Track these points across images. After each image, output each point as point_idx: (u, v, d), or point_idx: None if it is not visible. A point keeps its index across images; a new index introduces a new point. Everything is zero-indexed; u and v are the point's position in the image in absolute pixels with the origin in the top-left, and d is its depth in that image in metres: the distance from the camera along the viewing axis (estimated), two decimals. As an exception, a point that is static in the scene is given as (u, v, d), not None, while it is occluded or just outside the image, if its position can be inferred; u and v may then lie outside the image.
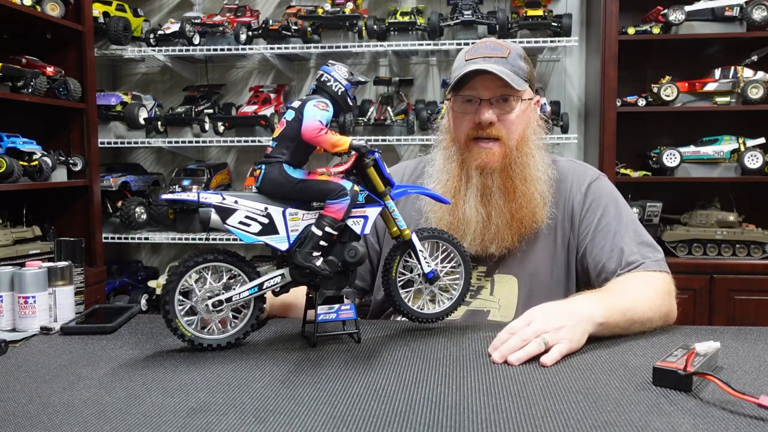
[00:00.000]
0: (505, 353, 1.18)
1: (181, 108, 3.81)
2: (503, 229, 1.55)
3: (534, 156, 1.59)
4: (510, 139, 1.58)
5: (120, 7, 3.73)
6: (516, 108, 1.58)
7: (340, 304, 1.30)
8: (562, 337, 1.20)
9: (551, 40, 3.50)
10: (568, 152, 3.87)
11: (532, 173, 1.58)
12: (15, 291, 1.51)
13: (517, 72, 1.57)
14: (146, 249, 4.27)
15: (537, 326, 1.21)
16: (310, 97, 1.25)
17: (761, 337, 1.35)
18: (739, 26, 3.40)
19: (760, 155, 3.35)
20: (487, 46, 1.61)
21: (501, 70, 1.54)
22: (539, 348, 1.18)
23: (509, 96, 1.57)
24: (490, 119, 1.56)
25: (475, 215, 1.56)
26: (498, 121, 1.57)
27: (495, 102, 1.57)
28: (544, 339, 1.19)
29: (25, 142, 2.96)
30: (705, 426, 0.89)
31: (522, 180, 1.57)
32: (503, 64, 1.56)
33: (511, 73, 1.55)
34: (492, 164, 1.57)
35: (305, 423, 0.92)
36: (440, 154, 1.67)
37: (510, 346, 1.19)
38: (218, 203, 1.22)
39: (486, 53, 1.59)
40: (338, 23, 3.63)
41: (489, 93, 1.56)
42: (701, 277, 3.28)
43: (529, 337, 1.19)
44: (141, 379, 1.12)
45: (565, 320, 1.23)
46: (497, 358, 1.18)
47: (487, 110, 1.56)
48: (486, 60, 1.57)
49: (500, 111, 1.57)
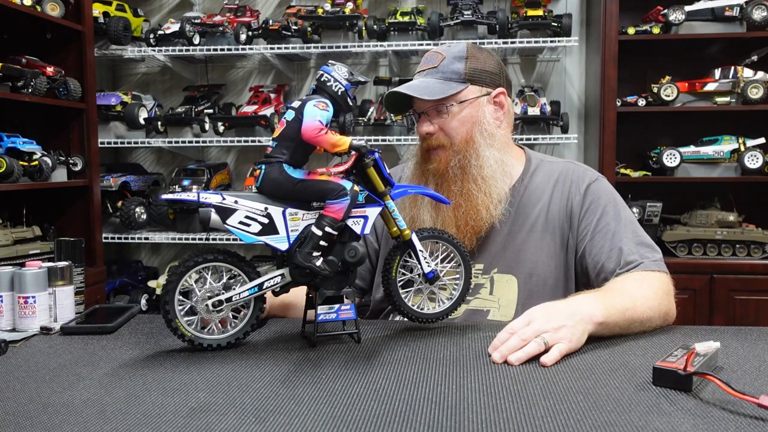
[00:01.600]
0: (505, 353, 1.18)
1: (181, 108, 3.81)
2: (450, 228, 1.57)
3: (481, 155, 1.59)
4: (452, 144, 1.61)
5: (120, 7, 3.73)
6: (452, 113, 1.60)
7: (340, 304, 1.30)
8: (562, 337, 1.20)
9: (551, 40, 3.50)
10: (568, 152, 3.88)
11: (477, 172, 1.58)
12: (15, 291, 1.51)
13: (449, 77, 1.60)
14: (146, 249, 4.27)
15: (537, 326, 1.21)
16: (310, 97, 1.25)
17: (761, 337, 1.35)
18: (739, 26, 3.40)
19: (760, 155, 3.35)
20: (426, 59, 1.67)
21: (419, 84, 1.60)
22: (539, 348, 1.18)
23: (441, 105, 1.59)
24: (426, 131, 1.62)
25: (428, 217, 1.61)
26: (439, 128, 1.61)
27: (430, 112, 1.61)
28: (544, 339, 1.19)
29: (25, 142, 2.96)
30: (705, 426, 0.89)
31: (466, 180, 1.59)
32: (432, 75, 1.61)
33: (435, 82, 1.59)
34: (440, 170, 1.61)
35: (305, 423, 0.92)
36: (411, 162, 1.73)
37: (510, 346, 1.19)
38: (218, 203, 1.22)
39: (422, 66, 1.66)
40: (338, 23, 3.63)
41: (422, 105, 1.62)
42: (701, 277, 3.28)
43: (529, 337, 1.19)
44: (141, 379, 1.12)
45: (565, 320, 1.23)
46: (497, 358, 1.18)
47: (423, 123, 1.63)
48: (420, 74, 1.65)
49: (438, 119, 1.61)
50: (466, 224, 1.58)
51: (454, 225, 1.58)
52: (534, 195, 1.65)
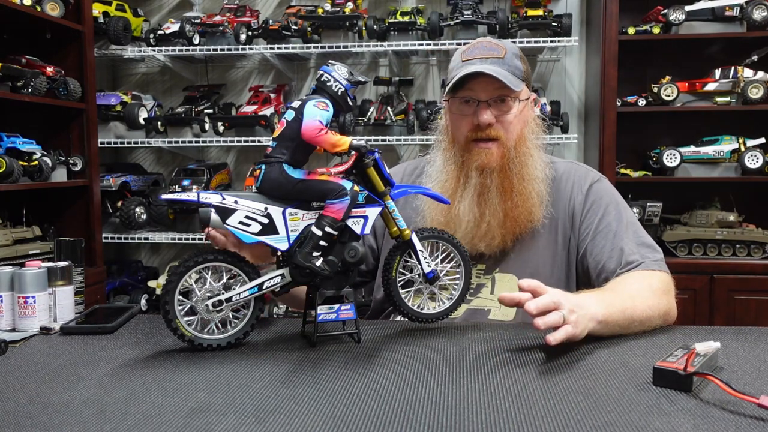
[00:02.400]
0: (541, 307, 1.17)
1: (181, 108, 3.81)
2: (495, 228, 1.56)
3: (532, 155, 1.60)
4: (508, 139, 1.58)
5: (120, 7, 3.73)
6: (514, 108, 1.58)
7: (340, 304, 1.30)
8: (573, 320, 1.20)
9: (551, 40, 3.50)
10: (568, 152, 3.87)
11: (529, 172, 1.58)
12: (15, 291, 1.51)
13: (514, 72, 1.58)
14: (146, 249, 4.27)
15: (560, 298, 1.20)
16: (310, 97, 1.25)
17: (761, 337, 1.35)
18: (739, 26, 3.40)
19: (760, 155, 3.35)
20: (484, 47, 1.61)
21: (498, 71, 1.54)
22: (559, 320, 1.18)
23: (506, 97, 1.57)
24: (488, 120, 1.56)
25: (467, 214, 1.57)
26: (496, 121, 1.58)
27: (492, 103, 1.58)
28: (563, 313, 1.19)
29: (25, 142, 2.96)
30: (705, 426, 0.89)
31: (520, 179, 1.57)
32: (500, 65, 1.57)
33: (508, 73, 1.56)
34: (491, 164, 1.57)
35: (305, 423, 0.92)
36: (439, 155, 1.67)
37: (545, 303, 1.18)
38: (218, 203, 1.22)
39: (482, 54, 1.59)
40: (338, 23, 3.63)
41: (486, 94, 1.57)
42: (701, 277, 3.28)
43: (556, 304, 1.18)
44: (141, 379, 1.12)
45: (576, 308, 1.23)
46: (532, 309, 1.17)
47: (485, 112, 1.56)
48: (483, 61, 1.57)
49: (498, 112, 1.58)
50: (515, 224, 1.56)
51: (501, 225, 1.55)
52: None
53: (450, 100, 1.63)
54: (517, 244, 1.61)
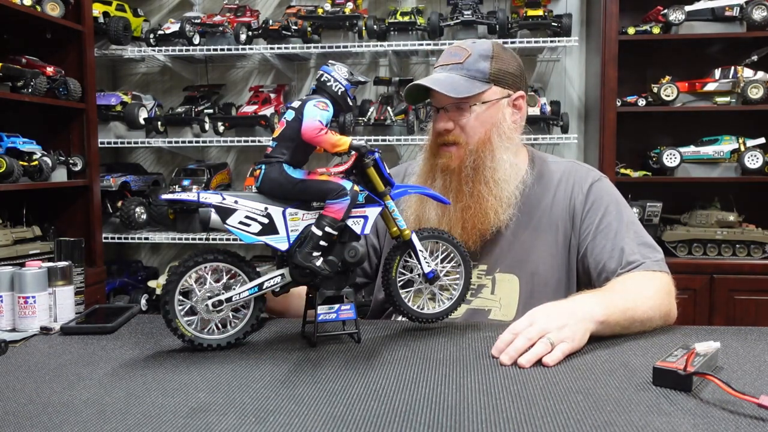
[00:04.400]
0: (513, 355, 1.17)
1: (181, 108, 3.81)
2: (456, 228, 1.56)
3: (495, 157, 1.58)
4: (468, 143, 1.59)
5: (120, 7, 3.73)
6: (472, 113, 1.59)
7: (340, 304, 1.30)
8: (566, 336, 1.20)
9: (551, 40, 3.50)
10: (568, 152, 3.87)
11: (489, 174, 1.57)
12: (15, 291, 1.51)
13: (474, 76, 1.58)
14: (146, 249, 4.27)
15: (541, 326, 1.21)
16: (310, 97, 1.25)
17: (761, 337, 1.35)
18: (739, 26, 3.40)
19: (760, 155, 3.35)
20: (449, 53, 1.64)
21: (447, 79, 1.57)
22: (546, 348, 1.17)
23: (464, 103, 1.58)
24: (443, 127, 1.60)
25: (433, 216, 1.60)
26: (456, 126, 1.59)
27: (451, 108, 1.59)
28: (549, 339, 1.18)
29: (25, 142, 2.95)
30: (705, 426, 0.89)
31: (476, 182, 1.57)
32: (457, 71, 1.59)
33: (461, 79, 1.57)
34: (451, 166, 1.60)
35: (305, 423, 0.92)
36: (421, 156, 1.71)
37: (517, 347, 1.18)
38: (218, 203, 1.22)
39: (445, 60, 1.63)
40: (338, 23, 3.63)
41: (443, 101, 1.60)
42: (701, 277, 3.27)
43: (535, 337, 1.19)
44: (141, 379, 1.12)
45: (567, 319, 1.23)
46: (506, 360, 1.17)
47: (442, 118, 1.61)
48: (443, 68, 1.62)
49: (458, 116, 1.60)
50: (473, 226, 1.57)
51: (460, 226, 1.57)
52: (537, 195, 1.65)
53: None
54: (519, 241, 1.61)
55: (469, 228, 1.57)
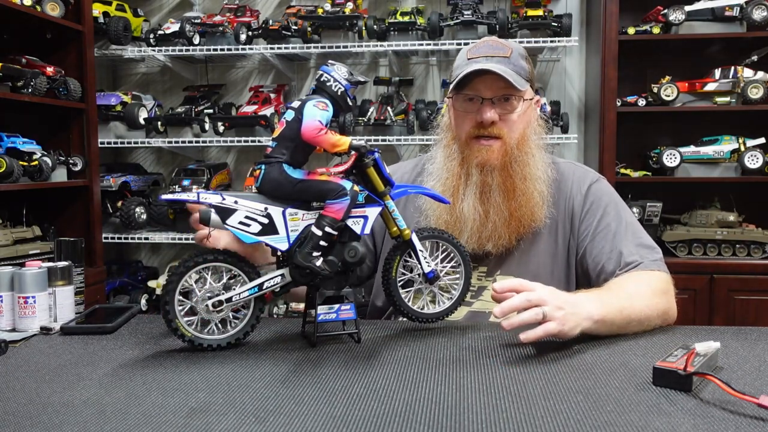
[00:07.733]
0: (506, 310, 1.20)
1: (181, 108, 3.81)
2: (501, 227, 1.56)
3: (534, 155, 1.59)
4: (511, 138, 1.58)
5: (120, 7, 3.73)
6: (518, 107, 1.58)
7: (340, 304, 1.30)
8: (559, 317, 1.21)
9: (551, 40, 3.50)
10: (568, 152, 3.87)
11: (531, 172, 1.58)
12: (15, 291, 1.51)
13: (519, 72, 1.58)
14: (146, 249, 4.27)
15: (542, 295, 1.22)
16: (310, 97, 1.25)
17: (761, 337, 1.35)
18: (739, 26, 3.40)
19: (760, 155, 3.35)
20: (490, 45, 1.61)
21: (503, 69, 1.54)
22: (536, 317, 1.19)
23: (511, 96, 1.57)
24: (491, 118, 1.56)
25: (472, 213, 1.57)
26: (499, 120, 1.57)
27: (497, 101, 1.57)
28: (544, 310, 1.19)
29: (25, 142, 2.96)
30: (705, 426, 0.89)
31: (522, 178, 1.57)
32: (506, 64, 1.57)
33: (513, 72, 1.56)
34: (492, 161, 1.57)
35: (305, 423, 0.92)
36: (441, 152, 1.67)
37: (512, 305, 1.20)
38: (218, 203, 1.22)
39: (488, 52, 1.59)
40: (338, 23, 3.63)
41: (491, 92, 1.57)
42: (701, 277, 3.27)
43: (533, 301, 1.20)
44: (141, 379, 1.12)
45: (568, 307, 1.23)
46: (497, 313, 1.20)
47: (489, 109, 1.56)
48: (488, 59, 1.57)
49: (502, 110, 1.58)
50: (518, 222, 1.56)
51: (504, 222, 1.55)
52: None
53: (454, 98, 1.63)
54: (519, 244, 1.61)
55: (513, 225, 1.57)
